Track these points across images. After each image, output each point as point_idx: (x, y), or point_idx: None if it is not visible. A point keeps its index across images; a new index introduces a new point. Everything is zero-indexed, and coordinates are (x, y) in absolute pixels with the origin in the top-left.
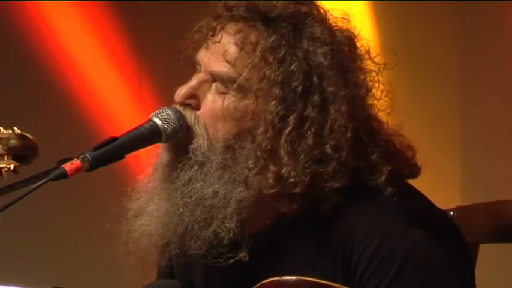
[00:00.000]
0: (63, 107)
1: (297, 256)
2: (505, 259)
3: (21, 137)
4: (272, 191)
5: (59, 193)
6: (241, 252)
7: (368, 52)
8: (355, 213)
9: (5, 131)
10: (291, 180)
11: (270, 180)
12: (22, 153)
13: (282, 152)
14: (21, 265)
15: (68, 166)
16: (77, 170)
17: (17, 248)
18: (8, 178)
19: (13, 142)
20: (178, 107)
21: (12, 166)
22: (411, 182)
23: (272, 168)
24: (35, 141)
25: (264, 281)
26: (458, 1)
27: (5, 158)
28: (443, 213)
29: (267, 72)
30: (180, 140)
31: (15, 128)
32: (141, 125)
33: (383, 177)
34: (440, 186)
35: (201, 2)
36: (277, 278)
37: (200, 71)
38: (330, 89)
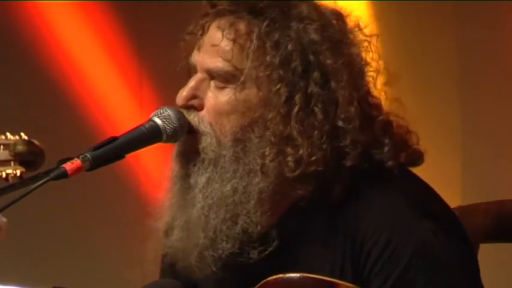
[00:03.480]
0: (63, 107)
1: (309, 245)
2: (505, 259)
3: (27, 143)
4: (296, 173)
5: (59, 193)
6: (274, 242)
7: (358, 25)
8: (366, 201)
9: (12, 137)
10: (312, 159)
11: (291, 164)
12: (29, 159)
13: (295, 133)
14: (21, 265)
15: (68, 166)
16: (77, 170)
17: (17, 248)
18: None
19: (20, 148)
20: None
21: (18, 172)
22: None
23: (290, 151)
24: (42, 147)
25: (268, 279)
26: (458, 1)
27: (12, 164)
28: (448, 206)
29: (267, 58)
30: (187, 147)
31: (22, 134)
32: (141, 125)
33: (389, 149)
34: (440, 186)
35: (201, 2)
36: (281, 276)
37: (196, 72)
38: (327, 62)
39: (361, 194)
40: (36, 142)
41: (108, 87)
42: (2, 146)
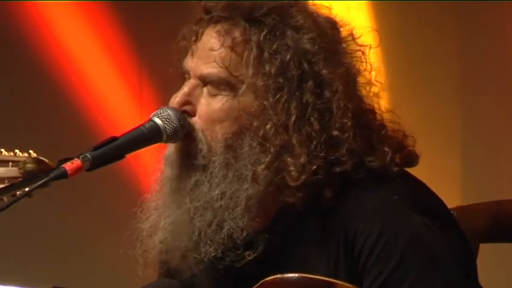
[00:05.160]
0: (63, 107)
1: (303, 248)
2: (505, 259)
3: (37, 161)
4: (298, 182)
5: (59, 193)
6: (258, 248)
7: (351, 34)
8: (357, 198)
9: (21, 154)
10: (313, 167)
11: (294, 173)
12: None
13: (294, 142)
14: (21, 265)
15: (68, 166)
16: (77, 170)
17: (17, 248)
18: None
19: (29, 166)
20: None
21: (27, 189)
22: None
23: (290, 160)
24: (51, 165)
25: (266, 279)
26: (458, 1)
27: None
28: (445, 204)
29: (266, 67)
30: (179, 149)
31: (31, 152)
32: (141, 125)
33: (385, 158)
34: (440, 186)
35: (201, 2)
36: (279, 276)
37: (190, 78)
38: (322, 71)
39: (354, 195)
40: (45, 160)
41: (108, 87)
42: (11, 163)
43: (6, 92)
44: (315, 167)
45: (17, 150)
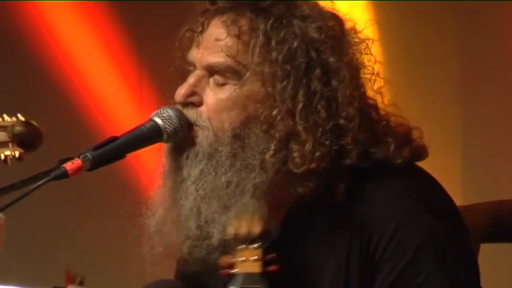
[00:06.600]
0: (63, 107)
1: (314, 243)
2: (505, 259)
3: (25, 123)
4: (302, 169)
5: (59, 193)
6: (268, 238)
7: (354, 28)
8: (370, 195)
9: (9, 119)
10: (316, 155)
11: (297, 159)
12: (27, 139)
13: (300, 129)
14: (21, 265)
15: (68, 166)
16: (78, 170)
17: (17, 248)
18: (12, 165)
19: (18, 129)
20: (179, 107)
21: (17, 153)
22: None
23: (295, 147)
24: (39, 127)
25: None
26: (458, 1)
27: (10, 146)
28: (453, 201)
29: (272, 54)
30: (183, 140)
31: (19, 115)
32: (141, 125)
33: (390, 147)
34: None
35: (201, 2)
36: None
37: (195, 70)
38: (329, 60)
39: (366, 191)
40: (33, 122)
41: (108, 87)
42: None
43: (6, 92)
44: (318, 153)
45: (4, 115)
